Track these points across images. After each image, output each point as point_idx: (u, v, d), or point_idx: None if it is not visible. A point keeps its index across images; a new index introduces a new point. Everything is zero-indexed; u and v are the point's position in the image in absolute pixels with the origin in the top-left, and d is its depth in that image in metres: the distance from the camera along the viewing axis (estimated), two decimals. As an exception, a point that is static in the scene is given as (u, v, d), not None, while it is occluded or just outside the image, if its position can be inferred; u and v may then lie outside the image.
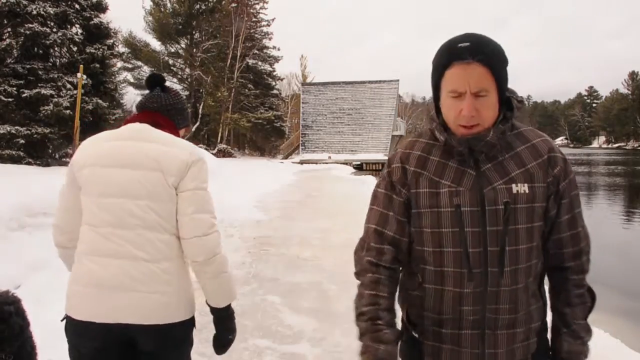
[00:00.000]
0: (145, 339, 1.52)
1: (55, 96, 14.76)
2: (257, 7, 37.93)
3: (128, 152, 1.55)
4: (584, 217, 1.31)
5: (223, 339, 1.69)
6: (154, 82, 1.74)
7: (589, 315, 1.29)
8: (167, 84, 1.82)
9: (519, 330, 1.23)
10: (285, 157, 38.74)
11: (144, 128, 1.61)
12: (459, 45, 1.17)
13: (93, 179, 1.55)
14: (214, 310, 1.65)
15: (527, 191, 1.19)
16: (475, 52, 1.14)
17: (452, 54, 1.17)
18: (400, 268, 1.34)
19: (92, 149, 1.61)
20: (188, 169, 1.54)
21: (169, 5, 33.82)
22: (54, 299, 2.31)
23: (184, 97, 1.87)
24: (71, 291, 1.54)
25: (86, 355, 1.53)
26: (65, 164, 14.29)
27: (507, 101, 1.24)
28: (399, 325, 1.31)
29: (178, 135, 1.72)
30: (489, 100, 1.17)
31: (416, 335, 1.31)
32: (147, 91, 1.79)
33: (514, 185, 1.19)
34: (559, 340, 1.28)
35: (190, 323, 1.62)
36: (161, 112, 1.68)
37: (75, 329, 1.52)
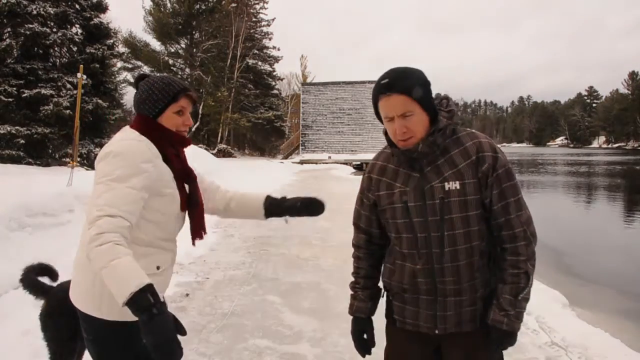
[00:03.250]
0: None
1: (55, 96, 14.77)
2: (257, 7, 37.93)
3: None
4: (525, 206, 1.53)
5: (146, 342, 1.31)
6: (136, 85, 1.74)
7: (520, 295, 1.50)
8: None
9: (464, 298, 1.54)
10: (285, 157, 38.72)
11: (120, 131, 1.71)
12: (381, 82, 1.48)
13: None
14: None
15: (458, 187, 1.48)
16: (392, 87, 1.45)
17: (377, 90, 1.49)
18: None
19: None
20: (98, 165, 1.57)
21: (168, 5, 33.79)
22: (54, 299, 2.32)
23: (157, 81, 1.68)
24: None
25: None
26: (65, 164, 14.28)
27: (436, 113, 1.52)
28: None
29: (151, 126, 1.66)
30: (414, 117, 1.47)
31: (390, 297, 1.70)
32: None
33: (446, 184, 1.49)
34: (489, 309, 1.54)
35: (113, 325, 1.56)
36: (135, 110, 1.73)
37: None
